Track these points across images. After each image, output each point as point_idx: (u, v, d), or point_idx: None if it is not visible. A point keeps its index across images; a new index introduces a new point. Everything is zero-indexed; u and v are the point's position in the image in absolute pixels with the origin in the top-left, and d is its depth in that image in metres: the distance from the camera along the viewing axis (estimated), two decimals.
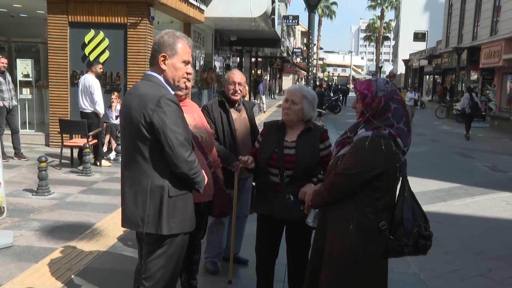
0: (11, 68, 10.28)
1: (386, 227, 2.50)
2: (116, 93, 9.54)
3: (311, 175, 3.18)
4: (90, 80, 8.28)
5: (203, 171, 2.59)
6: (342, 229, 2.55)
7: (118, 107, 9.29)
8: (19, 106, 9.39)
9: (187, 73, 2.61)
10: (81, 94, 8.37)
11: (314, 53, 10.85)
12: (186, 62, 2.58)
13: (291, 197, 3.12)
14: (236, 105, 3.97)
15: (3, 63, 8.53)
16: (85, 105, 8.36)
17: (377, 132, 2.51)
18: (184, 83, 2.65)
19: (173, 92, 2.55)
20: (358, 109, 2.66)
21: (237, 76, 3.89)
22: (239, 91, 3.88)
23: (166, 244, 2.52)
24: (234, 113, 3.93)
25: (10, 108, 8.69)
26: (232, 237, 3.89)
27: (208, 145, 3.28)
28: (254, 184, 3.57)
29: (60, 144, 8.47)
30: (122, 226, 2.63)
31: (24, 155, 8.87)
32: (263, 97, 22.35)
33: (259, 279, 3.45)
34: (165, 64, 2.53)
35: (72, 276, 3.97)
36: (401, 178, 2.58)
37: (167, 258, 2.53)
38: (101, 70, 8.83)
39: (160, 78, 2.53)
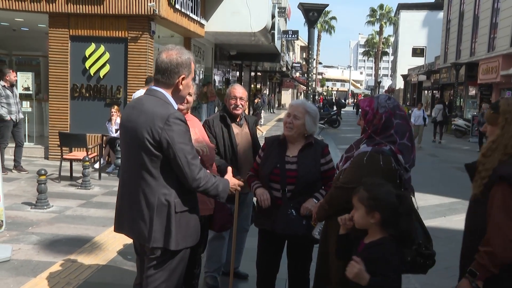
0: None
1: None
2: (116, 107, 9.56)
3: (312, 189, 3.17)
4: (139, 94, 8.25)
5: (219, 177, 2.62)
6: None
7: (118, 120, 9.31)
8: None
9: None
10: None
11: (314, 68, 10.92)
12: (192, 78, 2.63)
13: (293, 212, 3.11)
14: (237, 120, 3.98)
15: (15, 77, 8.79)
16: None
17: (377, 148, 2.53)
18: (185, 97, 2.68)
19: (176, 107, 2.57)
20: (362, 126, 2.70)
21: (239, 90, 3.90)
22: (240, 106, 3.89)
23: (169, 258, 2.51)
24: (235, 128, 3.94)
25: (17, 121, 8.79)
26: (232, 251, 3.87)
27: (209, 159, 3.28)
28: (255, 199, 3.57)
29: (60, 157, 8.46)
30: (115, 230, 2.74)
31: (23, 168, 8.86)
32: (262, 111, 22.41)
33: None
34: (182, 85, 2.56)
35: None
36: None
37: (170, 272, 2.53)
38: None
39: (166, 94, 2.53)
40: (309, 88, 9.69)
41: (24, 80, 10.34)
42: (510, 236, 2.15)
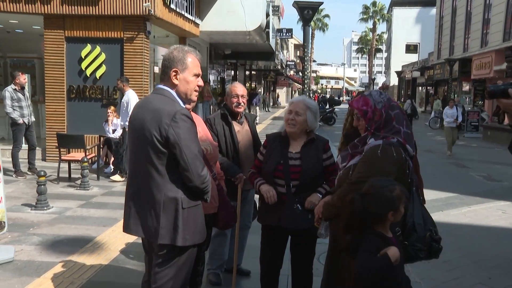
0: (7, 84, 10.30)
1: (400, 233, 2.53)
2: (112, 107, 9.58)
3: (316, 184, 3.23)
4: (130, 96, 8.26)
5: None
6: None
7: (115, 121, 9.32)
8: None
9: (198, 86, 2.67)
10: (123, 113, 8.27)
11: (309, 66, 10.94)
12: (196, 75, 2.65)
13: (299, 207, 3.16)
14: (238, 118, 4.03)
15: (24, 79, 8.70)
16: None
17: (386, 140, 2.56)
18: (196, 96, 2.70)
19: (184, 106, 2.60)
20: (362, 127, 2.70)
21: (240, 88, 3.95)
22: (242, 104, 3.94)
23: (177, 255, 2.55)
24: (236, 126, 3.99)
25: (30, 124, 8.76)
26: (235, 248, 3.91)
27: (213, 157, 3.32)
28: (257, 195, 3.60)
29: (58, 158, 8.46)
30: (124, 231, 2.68)
31: (37, 170, 8.78)
32: (258, 109, 22.47)
33: None
34: (177, 79, 2.59)
35: None
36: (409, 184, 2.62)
37: (177, 268, 2.56)
38: None
39: (172, 92, 2.59)
40: (306, 86, 9.71)
41: None
42: None
